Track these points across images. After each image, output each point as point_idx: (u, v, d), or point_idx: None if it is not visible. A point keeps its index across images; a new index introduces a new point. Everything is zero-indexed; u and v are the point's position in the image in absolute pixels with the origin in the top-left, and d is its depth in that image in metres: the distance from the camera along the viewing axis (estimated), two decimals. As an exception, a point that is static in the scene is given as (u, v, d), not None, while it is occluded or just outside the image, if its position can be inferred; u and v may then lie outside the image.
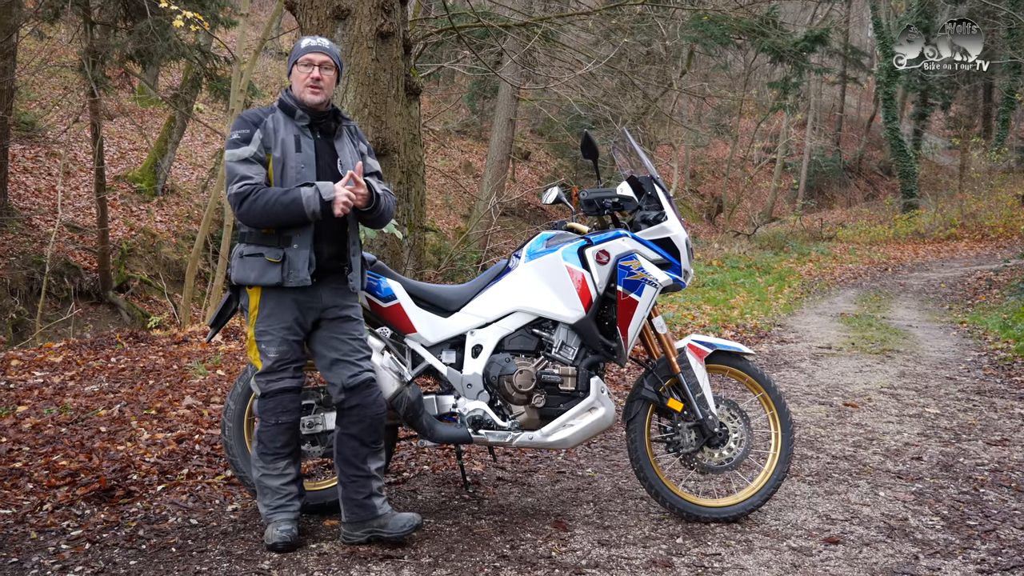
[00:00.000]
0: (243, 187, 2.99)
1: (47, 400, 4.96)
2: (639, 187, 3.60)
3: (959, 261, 16.63)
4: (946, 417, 5.37)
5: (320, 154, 3.12)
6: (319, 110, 3.13)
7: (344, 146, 3.19)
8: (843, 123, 35.03)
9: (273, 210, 2.97)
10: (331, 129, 3.18)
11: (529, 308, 3.40)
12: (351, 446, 3.09)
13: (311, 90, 3.08)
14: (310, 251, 3.02)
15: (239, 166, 3.02)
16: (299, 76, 3.10)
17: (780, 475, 3.54)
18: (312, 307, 3.09)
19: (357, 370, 3.08)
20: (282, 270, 3.00)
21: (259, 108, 3.20)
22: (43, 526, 3.21)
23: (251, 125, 3.07)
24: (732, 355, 3.57)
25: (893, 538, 3.36)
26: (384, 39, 5.04)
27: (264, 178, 3.03)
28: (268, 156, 3.05)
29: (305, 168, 3.05)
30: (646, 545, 3.22)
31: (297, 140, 3.08)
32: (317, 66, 3.09)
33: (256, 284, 3.04)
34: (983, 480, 4.11)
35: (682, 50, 18.98)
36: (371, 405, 3.08)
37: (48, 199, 13.44)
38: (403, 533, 3.06)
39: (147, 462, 3.89)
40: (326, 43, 3.16)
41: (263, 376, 3.08)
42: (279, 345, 3.06)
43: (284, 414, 3.08)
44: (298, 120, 3.11)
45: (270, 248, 3.03)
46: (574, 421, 3.34)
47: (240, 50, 10.20)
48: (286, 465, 3.11)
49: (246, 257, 3.07)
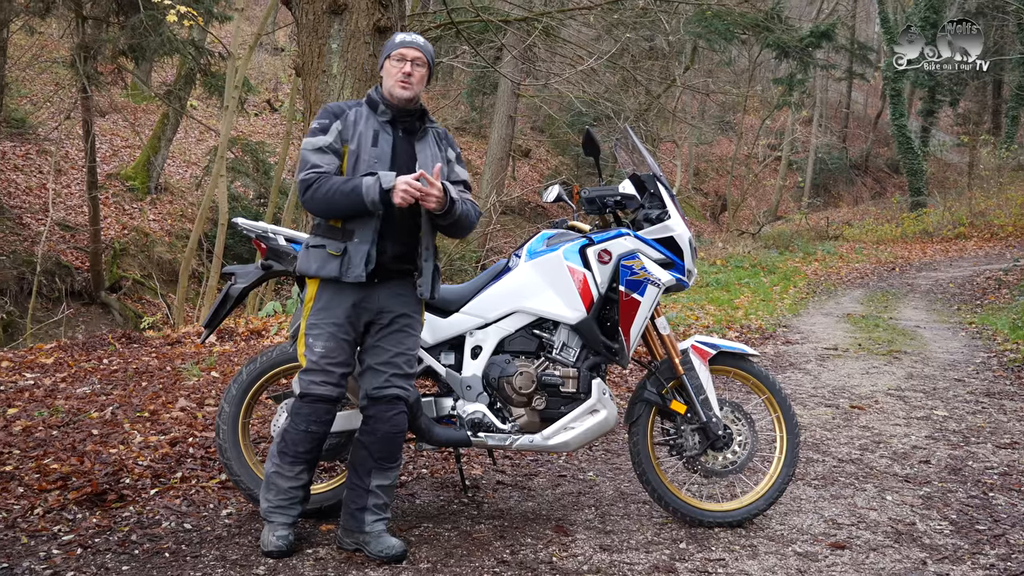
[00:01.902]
0: (309, 175, 3.01)
1: (38, 402, 4.96)
2: (642, 185, 3.60)
3: (968, 261, 16.63)
4: (955, 420, 5.37)
5: (397, 152, 3.09)
6: (406, 107, 3.11)
7: (426, 148, 3.15)
8: (849, 120, 35.04)
9: (334, 198, 2.96)
10: (414, 128, 3.15)
11: (529, 308, 3.40)
12: (360, 455, 3.09)
13: (401, 84, 3.06)
14: (370, 247, 3.00)
15: (312, 155, 3.04)
16: (390, 70, 3.09)
17: (785, 479, 3.54)
18: (367, 308, 3.06)
19: (385, 383, 3.04)
20: (341, 264, 3.00)
21: (345, 101, 3.19)
22: (34, 531, 3.20)
23: (332, 116, 3.08)
24: (736, 356, 3.57)
25: (900, 543, 3.36)
26: (382, 34, 5.04)
27: (336, 168, 3.04)
28: (344, 148, 3.06)
29: (378, 163, 3.04)
30: (649, 550, 3.22)
31: (376, 135, 3.07)
32: (410, 61, 3.08)
33: (316, 276, 3.05)
34: (992, 484, 4.11)
35: (685, 45, 18.97)
36: (386, 422, 3.05)
37: (39, 197, 13.44)
38: (380, 557, 3.01)
39: (140, 465, 3.89)
40: (420, 40, 3.15)
41: (306, 375, 3.04)
42: (326, 340, 3.03)
43: (316, 424, 3.05)
44: (380, 115, 3.10)
45: (333, 241, 3.03)
46: (575, 424, 3.34)
47: (235, 45, 10.21)
48: (301, 471, 3.11)
49: (311, 248, 3.08)
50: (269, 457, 3.15)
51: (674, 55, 18.14)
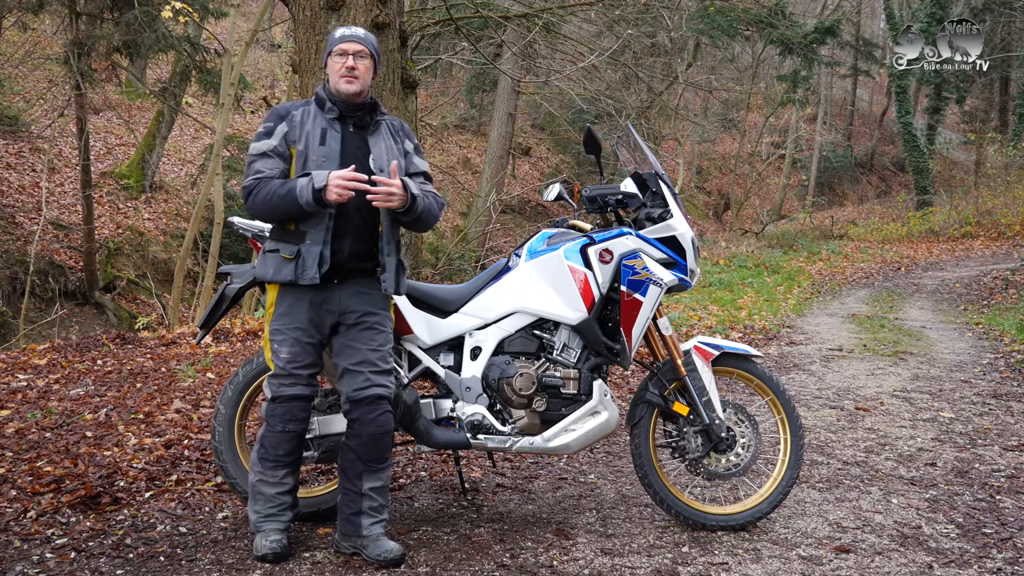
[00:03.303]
0: (250, 181, 3.03)
1: (31, 404, 4.96)
2: (643, 183, 3.60)
3: (974, 260, 16.63)
4: (961, 421, 5.37)
5: (348, 148, 3.09)
6: (354, 101, 3.11)
7: (380, 141, 3.15)
8: (854, 117, 35.06)
9: (272, 202, 2.98)
10: (365, 123, 3.15)
11: (530, 309, 3.40)
12: (349, 458, 3.10)
13: (346, 79, 3.07)
14: (324, 248, 3.00)
15: (255, 160, 3.06)
16: (334, 66, 3.10)
17: (789, 481, 3.54)
18: (329, 309, 3.07)
19: (365, 383, 3.05)
20: (296, 267, 3.00)
21: (292, 102, 3.20)
22: (27, 534, 3.21)
23: (277, 118, 3.08)
24: (740, 357, 3.57)
25: (906, 547, 3.36)
26: (380, 30, 5.04)
27: (280, 173, 3.04)
28: (292, 150, 3.06)
29: (327, 162, 3.03)
30: (651, 554, 3.22)
31: (323, 133, 3.07)
32: (352, 55, 3.08)
33: (273, 281, 3.06)
34: (999, 487, 4.11)
35: (688, 42, 18.99)
36: (370, 423, 3.05)
37: (32, 196, 13.45)
38: (379, 561, 3.02)
39: (134, 468, 3.89)
40: (360, 32, 3.15)
41: (275, 379, 3.07)
42: (291, 346, 3.05)
43: (292, 422, 3.07)
44: (328, 112, 3.10)
45: (286, 244, 3.04)
46: (576, 426, 3.34)
47: (231, 42, 10.21)
48: (285, 474, 3.11)
49: (267, 253, 3.09)
50: (251, 467, 3.15)
51: (676, 51, 18.14)
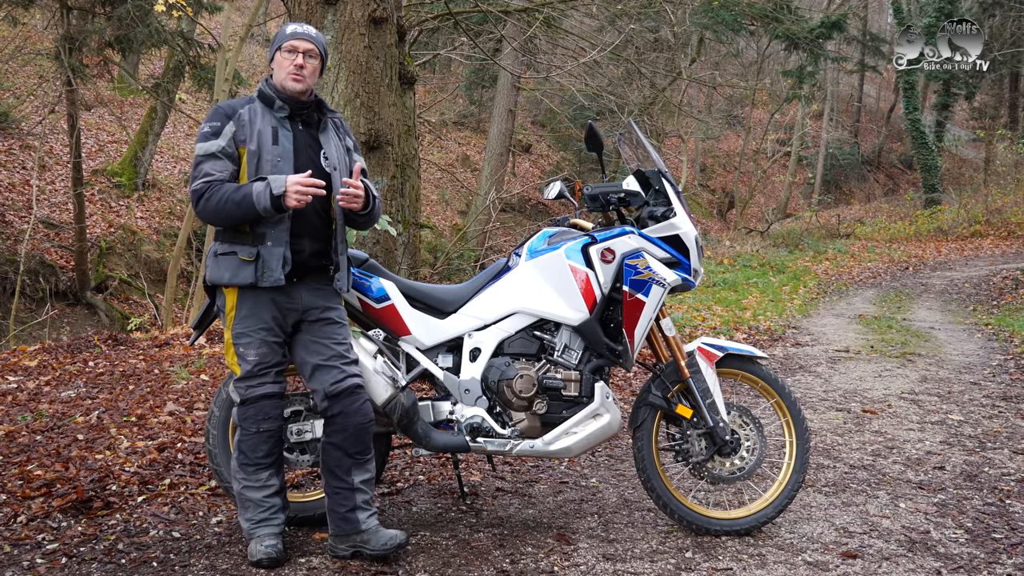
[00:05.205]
0: (199, 184, 3.00)
1: (21, 406, 4.96)
2: (646, 181, 3.60)
3: (984, 259, 16.63)
4: (970, 424, 5.38)
5: (300, 147, 3.10)
6: (300, 100, 3.11)
7: (330, 139, 3.18)
8: (861, 114, 35.05)
9: (226, 208, 2.96)
10: (314, 120, 3.17)
11: (530, 309, 3.40)
12: (335, 456, 3.09)
13: (293, 77, 3.07)
14: (285, 249, 3.01)
15: (204, 162, 3.02)
16: (282, 63, 3.09)
17: (795, 485, 3.54)
18: (292, 308, 3.09)
19: (340, 376, 3.07)
20: (256, 269, 3.00)
21: (236, 99, 3.19)
22: (17, 539, 3.21)
23: (223, 117, 3.05)
24: (744, 359, 3.58)
25: (914, 552, 3.36)
26: (377, 25, 5.04)
27: (230, 174, 3.02)
28: (241, 150, 3.04)
29: (282, 161, 3.03)
30: (653, 559, 3.22)
31: (275, 132, 3.06)
32: (301, 53, 3.08)
33: (231, 284, 3.04)
34: (1009, 491, 4.11)
35: (691, 37, 18.97)
36: (354, 414, 3.06)
37: (22, 194, 13.44)
38: (385, 551, 3.04)
39: (127, 472, 3.89)
40: (312, 31, 3.15)
41: (242, 382, 3.07)
42: (258, 347, 3.05)
43: (266, 421, 3.08)
44: (277, 111, 3.10)
45: (243, 246, 3.02)
46: (577, 428, 3.34)
47: (225, 37, 10.21)
48: (269, 476, 3.11)
49: (220, 256, 3.06)
50: (232, 475, 3.15)
51: (680, 47, 18.14)
